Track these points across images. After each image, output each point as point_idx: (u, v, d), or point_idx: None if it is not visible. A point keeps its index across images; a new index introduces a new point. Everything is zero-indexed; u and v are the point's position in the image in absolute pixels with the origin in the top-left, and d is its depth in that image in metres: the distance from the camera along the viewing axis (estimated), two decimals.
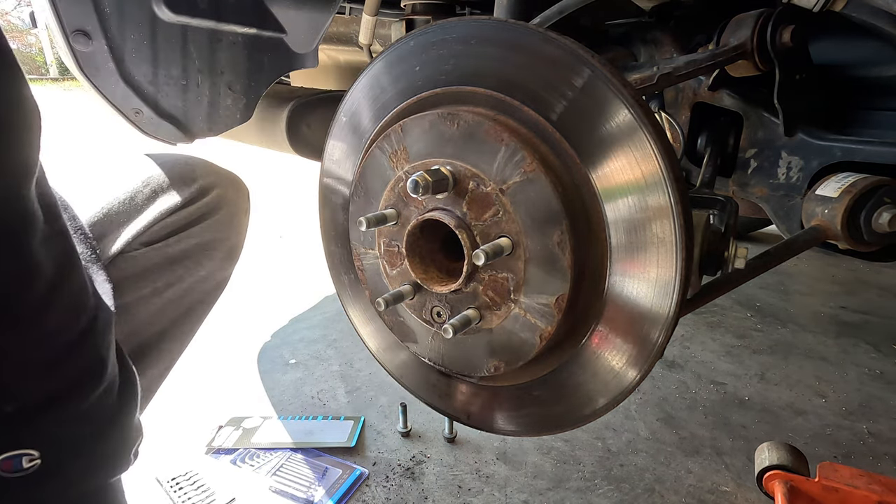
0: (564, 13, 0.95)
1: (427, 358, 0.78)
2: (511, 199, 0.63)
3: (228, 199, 1.02)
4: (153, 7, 1.29)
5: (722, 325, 2.09)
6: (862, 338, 2.01)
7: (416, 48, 0.73)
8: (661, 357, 0.63)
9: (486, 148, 0.64)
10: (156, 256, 0.88)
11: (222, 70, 1.36)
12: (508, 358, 0.69)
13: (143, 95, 1.41)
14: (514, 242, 0.64)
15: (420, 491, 1.24)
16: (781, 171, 1.04)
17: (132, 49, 1.35)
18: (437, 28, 0.70)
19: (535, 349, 0.66)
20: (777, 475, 1.12)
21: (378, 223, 0.70)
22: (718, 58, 0.97)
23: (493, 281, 0.67)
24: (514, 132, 0.63)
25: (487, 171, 0.64)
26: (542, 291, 0.64)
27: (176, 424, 1.45)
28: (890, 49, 1.02)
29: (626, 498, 1.23)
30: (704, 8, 1.13)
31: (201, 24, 1.31)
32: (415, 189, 0.62)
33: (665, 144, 0.58)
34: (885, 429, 1.49)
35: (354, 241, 0.81)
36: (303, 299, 2.32)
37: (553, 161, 0.63)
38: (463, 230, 0.66)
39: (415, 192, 0.62)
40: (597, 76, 0.59)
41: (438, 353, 0.77)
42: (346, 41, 1.66)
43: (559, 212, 0.60)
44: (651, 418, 1.51)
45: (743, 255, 0.78)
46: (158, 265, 0.89)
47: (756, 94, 1.08)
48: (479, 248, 0.61)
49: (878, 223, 0.85)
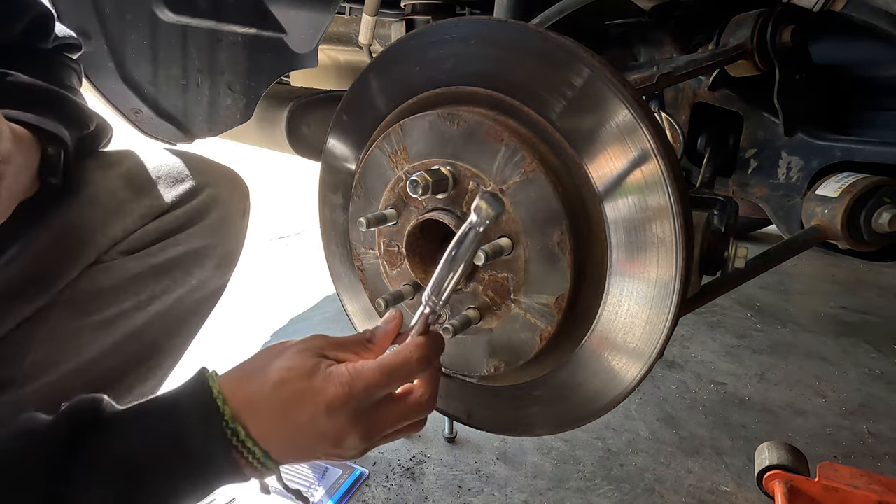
0: (564, 13, 0.95)
1: None
2: (511, 199, 0.63)
3: (222, 199, 0.93)
4: (153, 7, 1.29)
5: (722, 325, 2.09)
6: (862, 338, 2.01)
7: (415, 48, 0.73)
8: (661, 357, 0.63)
9: (486, 148, 0.64)
10: (137, 267, 0.81)
11: (222, 70, 1.36)
12: (508, 358, 0.69)
13: (143, 95, 1.41)
14: (514, 242, 0.64)
15: (420, 491, 1.24)
16: (781, 170, 1.04)
17: (132, 49, 1.35)
18: (437, 28, 0.70)
19: (535, 349, 0.66)
20: (777, 475, 1.12)
21: (378, 223, 0.70)
22: (718, 58, 0.97)
23: (493, 281, 0.67)
24: (514, 132, 0.63)
25: (487, 171, 0.64)
26: (542, 291, 0.63)
27: None
28: (890, 49, 1.02)
29: (626, 498, 1.23)
30: (704, 8, 1.13)
31: (201, 25, 1.31)
32: (415, 189, 0.62)
33: (665, 144, 0.58)
34: (885, 429, 1.49)
35: (354, 241, 0.81)
36: (303, 299, 2.32)
37: (553, 161, 0.63)
38: None
39: (415, 192, 0.62)
40: (597, 76, 0.59)
41: None
42: (346, 41, 1.66)
43: (559, 212, 0.60)
44: (651, 418, 1.51)
45: (743, 255, 0.78)
46: (141, 276, 0.82)
47: (756, 94, 1.08)
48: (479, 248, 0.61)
49: (878, 223, 0.85)
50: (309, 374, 0.52)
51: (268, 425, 0.51)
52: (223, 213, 0.93)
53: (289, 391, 0.52)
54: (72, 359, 0.78)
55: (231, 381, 0.54)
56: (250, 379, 0.54)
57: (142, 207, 0.84)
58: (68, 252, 0.78)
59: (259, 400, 0.52)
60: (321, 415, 0.51)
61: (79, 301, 0.78)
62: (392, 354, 0.56)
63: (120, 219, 0.82)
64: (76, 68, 0.91)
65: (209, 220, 0.91)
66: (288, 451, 0.53)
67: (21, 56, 0.81)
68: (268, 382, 0.52)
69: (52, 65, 0.85)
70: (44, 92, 0.77)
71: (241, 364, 0.57)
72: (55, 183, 0.75)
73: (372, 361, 0.55)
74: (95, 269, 0.79)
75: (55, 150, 0.74)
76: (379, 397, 0.55)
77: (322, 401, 0.51)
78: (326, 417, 0.51)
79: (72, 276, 0.77)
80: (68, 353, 0.78)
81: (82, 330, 0.78)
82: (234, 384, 0.53)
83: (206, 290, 0.93)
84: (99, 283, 0.79)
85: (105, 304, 0.80)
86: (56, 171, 0.75)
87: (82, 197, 0.81)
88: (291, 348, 0.55)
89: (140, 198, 0.85)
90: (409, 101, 0.74)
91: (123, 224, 0.82)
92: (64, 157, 0.75)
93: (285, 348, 0.56)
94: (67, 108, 0.79)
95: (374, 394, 0.53)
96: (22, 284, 0.75)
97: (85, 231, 0.79)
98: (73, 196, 0.80)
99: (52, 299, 0.77)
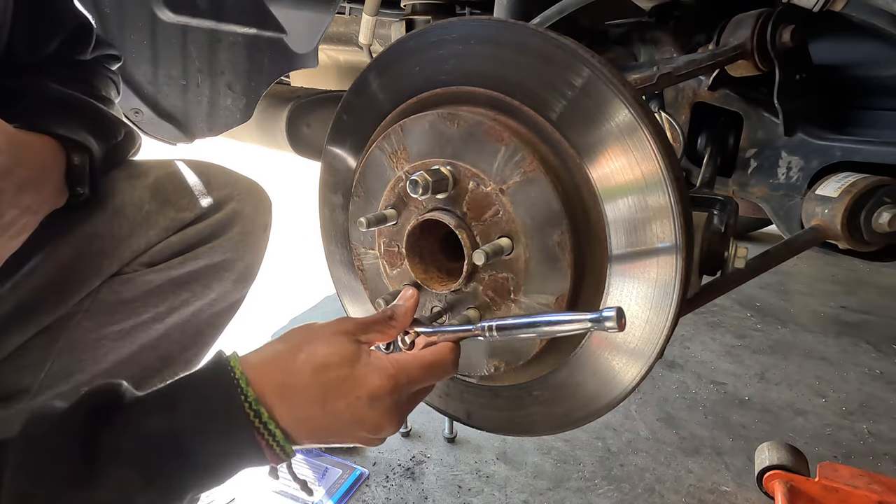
0: (564, 13, 0.95)
1: None
2: (511, 199, 0.63)
3: (245, 214, 0.93)
4: (153, 7, 1.29)
5: (722, 325, 2.09)
6: (862, 338, 2.01)
7: (415, 48, 0.73)
8: (661, 357, 0.63)
9: (486, 148, 0.64)
10: (158, 279, 0.82)
11: (222, 70, 1.36)
12: (509, 358, 0.69)
13: (143, 95, 1.42)
14: (514, 242, 0.64)
15: (420, 491, 1.24)
16: (781, 170, 1.04)
17: (132, 49, 1.35)
18: (437, 28, 0.70)
19: (534, 349, 0.66)
20: (777, 475, 1.12)
21: (378, 223, 0.70)
22: (718, 58, 0.97)
23: (493, 281, 0.67)
24: (514, 132, 0.63)
25: (487, 171, 0.64)
26: (542, 291, 0.63)
27: None
28: (890, 49, 1.02)
29: (627, 498, 1.23)
30: (704, 8, 1.13)
31: (201, 25, 1.31)
32: (415, 189, 0.62)
33: (665, 144, 0.58)
34: (885, 429, 1.49)
35: (354, 242, 0.81)
36: (303, 299, 2.32)
37: (553, 161, 0.63)
38: (463, 230, 0.66)
39: (414, 192, 0.62)
40: (597, 76, 0.59)
41: None
42: (346, 41, 1.66)
43: (559, 212, 0.60)
44: (651, 418, 1.51)
45: (743, 255, 0.78)
46: (160, 288, 0.82)
47: (756, 94, 1.08)
48: (480, 248, 0.61)
49: (878, 223, 0.85)
50: (351, 360, 0.53)
51: (302, 408, 0.52)
52: (245, 227, 0.93)
53: (330, 377, 0.52)
54: (88, 369, 0.79)
55: (260, 362, 0.54)
56: (283, 361, 0.54)
57: (166, 220, 0.85)
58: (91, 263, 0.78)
59: (296, 383, 0.52)
60: (364, 403, 0.52)
61: (99, 311, 0.79)
62: (430, 352, 0.58)
63: (144, 231, 0.83)
64: (114, 79, 0.92)
65: (231, 234, 0.90)
66: (316, 434, 0.53)
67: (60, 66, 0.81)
68: (306, 365, 0.53)
69: (89, 75, 0.86)
70: (75, 102, 0.77)
71: (268, 344, 0.57)
72: (83, 193, 0.76)
73: (412, 356, 0.57)
74: (117, 279, 0.80)
75: (81, 159, 0.75)
76: (416, 390, 0.57)
77: (365, 391, 0.52)
78: (369, 407, 0.52)
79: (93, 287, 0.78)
80: (85, 363, 0.78)
81: (101, 340, 0.79)
82: (263, 366, 0.53)
83: (223, 304, 0.93)
84: (120, 295, 0.80)
85: (124, 316, 0.80)
86: (83, 180, 0.75)
87: (108, 207, 0.81)
88: (325, 331, 0.56)
89: (165, 210, 0.85)
90: (409, 101, 0.74)
91: (147, 236, 0.83)
92: (91, 166, 0.76)
93: (315, 330, 0.57)
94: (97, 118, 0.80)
95: (414, 387, 0.56)
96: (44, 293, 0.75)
97: (109, 242, 0.80)
98: (100, 206, 0.81)
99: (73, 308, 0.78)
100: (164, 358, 0.87)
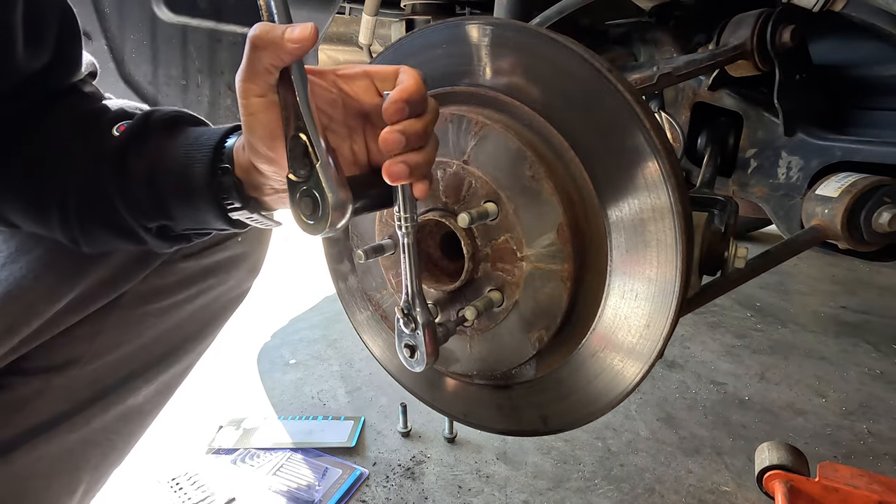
0: (564, 13, 0.96)
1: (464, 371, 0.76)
2: (476, 165, 0.65)
3: None
4: (153, 7, 1.29)
5: (722, 325, 2.10)
6: (862, 338, 2.01)
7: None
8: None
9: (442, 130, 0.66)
10: (193, 267, 0.90)
11: (222, 70, 1.36)
12: (546, 321, 0.66)
13: (143, 95, 1.42)
14: (498, 202, 0.64)
15: (420, 491, 1.24)
16: (781, 170, 1.04)
17: (132, 49, 1.35)
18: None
19: (564, 298, 0.64)
20: (777, 475, 1.12)
21: (376, 253, 0.70)
22: (718, 58, 0.97)
23: (496, 251, 0.66)
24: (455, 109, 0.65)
25: (447, 154, 0.66)
26: (541, 232, 0.63)
27: (176, 424, 1.45)
28: (890, 49, 1.02)
29: (627, 498, 1.23)
30: (704, 8, 1.14)
31: (201, 25, 1.31)
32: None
33: (665, 144, 0.58)
34: (885, 429, 1.49)
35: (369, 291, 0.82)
36: (303, 299, 2.32)
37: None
38: (448, 216, 0.67)
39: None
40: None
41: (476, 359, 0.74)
42: (346, 41, 1.66)
43: (518, 148, 0.62)
44: (651, 418, 1.51)
45: (743, 255, 0.78)
46: (194, 275, 0.90)
47: (756, 94, 1.08)
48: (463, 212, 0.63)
49: (878, 223, 0.85)
50: None
51: None
52: None
53: None
54: (133, 341, 0.86)
55: None
56: None
57: None
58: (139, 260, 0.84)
59: None
60: None
61: (148, 292, 0.86)
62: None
63: None
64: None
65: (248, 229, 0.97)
66: None
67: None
68: None
69: None
70: None
71: None
72: None
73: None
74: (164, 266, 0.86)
75: None
76: None
77: None
78: None
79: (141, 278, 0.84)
80: (131, 336, 0.85)
81: (145, 317, 0.86)
82: None
83: (237, 291, 1.01)
84: (165, 279, 0.87)
85: (165, 297, 0.88)
86: None
87: None
88: None
89: None
90: None
91: None
92: None
93: None
94: None
95: None
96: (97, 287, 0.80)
97: None
98: None
99: (124, 291, 0.85)
100: (187, 336, 0.95)
